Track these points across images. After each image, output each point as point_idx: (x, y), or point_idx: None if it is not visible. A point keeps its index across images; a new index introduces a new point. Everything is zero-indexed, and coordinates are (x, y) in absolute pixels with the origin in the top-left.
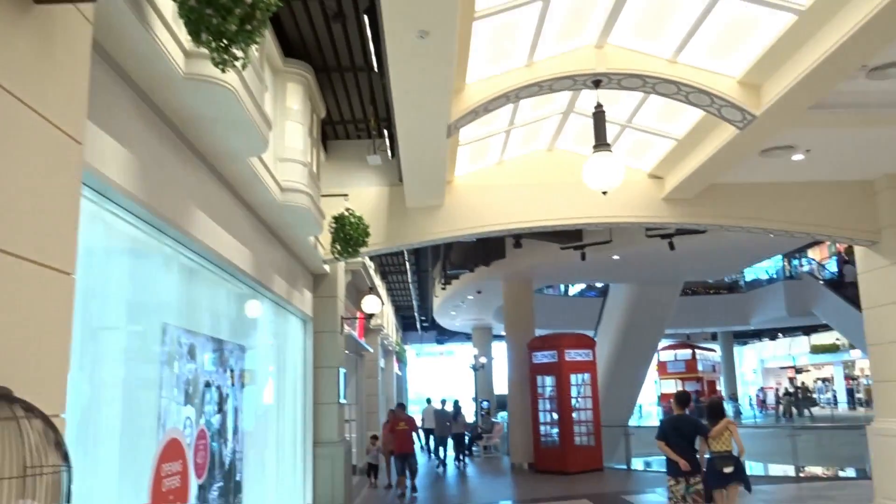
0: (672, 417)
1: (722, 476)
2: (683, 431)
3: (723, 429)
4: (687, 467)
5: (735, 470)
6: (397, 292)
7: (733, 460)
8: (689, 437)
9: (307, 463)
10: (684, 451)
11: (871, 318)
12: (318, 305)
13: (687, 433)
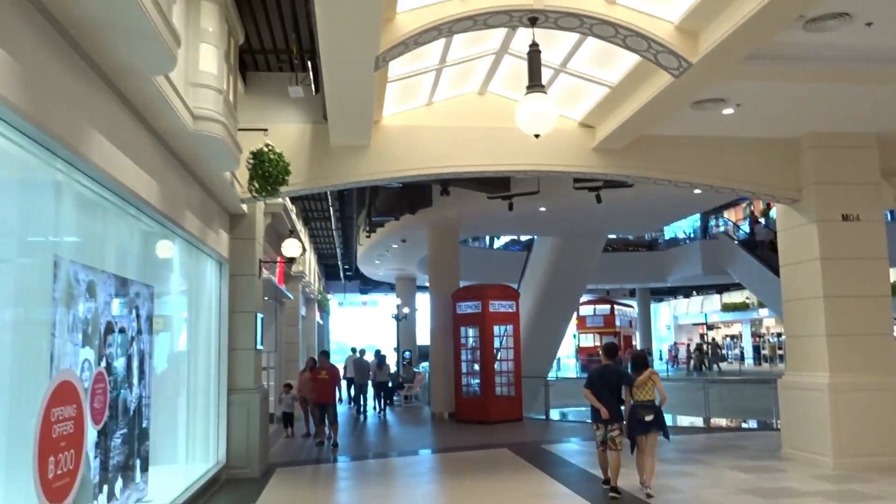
0: (599, 367)
1: (643, 423)
2: (609, 380)
3: (646, 379)
4: (607, 415)
5: (655, 418)
6: (320, 240)
7: (654, 409)
8: (614, 386)
9: (221, 410)
10: (608, 399)
11: (787, 275)
12: (235, 247)
13: (612, 382)
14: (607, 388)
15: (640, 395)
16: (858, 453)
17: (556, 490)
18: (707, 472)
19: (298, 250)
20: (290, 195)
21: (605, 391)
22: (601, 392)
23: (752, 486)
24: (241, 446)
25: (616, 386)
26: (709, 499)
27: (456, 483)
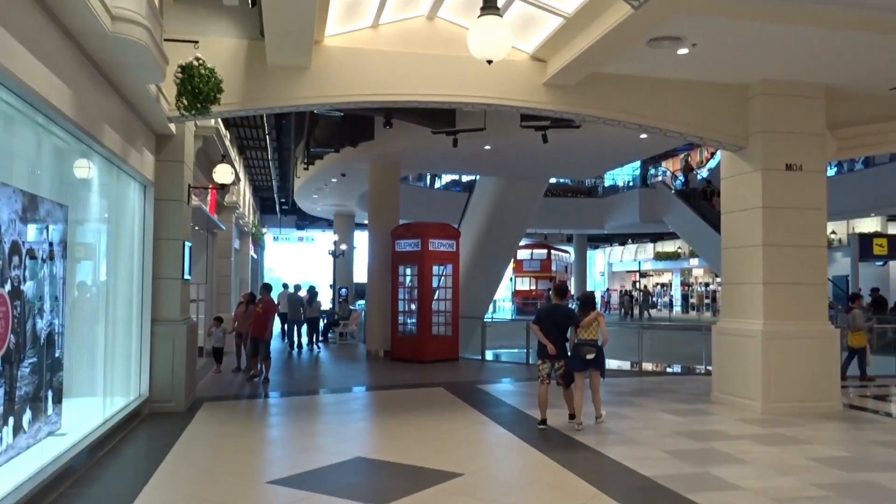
0: (549, 306)
1: (584, 361)
2: (557, 319)
3: (592, 319)
4: (553, 351)
5: (596, 357)
6: (256, 171)
7: (596, 348)
8: (562, 325)
9: (144, 342)
10: (555, 337)
11: (728, 223)
12: (162, 170)
13: (560, 321)
14: (555, 326)
15: (584, 334)
16: (786, 399)
17: (492, 429)
18: (640, 415)
19: (231, 177)
20: (222, 116)
21: (552, 329)
22: (549, 329)
23: (685, 429)
24: (166, 379)
25: (563, 325)
26: (643, 441)
27: (390, 421)
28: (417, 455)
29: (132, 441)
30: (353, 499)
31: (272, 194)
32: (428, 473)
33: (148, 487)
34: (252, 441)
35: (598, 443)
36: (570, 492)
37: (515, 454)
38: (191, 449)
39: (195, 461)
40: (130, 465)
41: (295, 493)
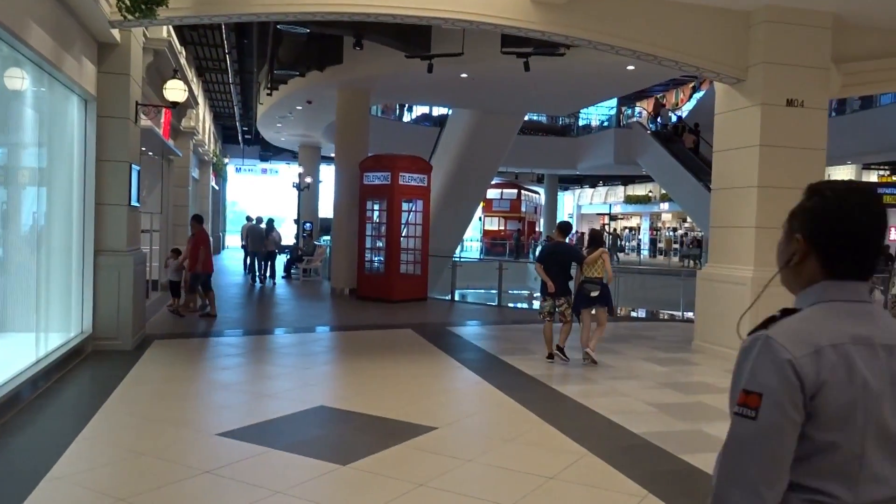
0: (551, 244)
1: (588, 298)
2: (559, 257)
3: (597, 257)
4: (552, 289)
5: (601, 294)
6: (216, 95)
7: (601, 286)
8: (564, 263)
9: (87, 274)
10: (556, 275)
11: (720, 162)
12: (105, 83)
13: (562, 260)
14: (557, 264)
15: (589, 272)
16: None
17: (465, 376)
18: (621, 364)
19: (183, 94)
20: (171, 23)
21: (554, 267)
22: (551, 268)
23: (670, 380)
24: (111, 315)
25: (566, 263)
26: (627, 392)
27: (355, 365)
28: (386, 405)
29: (69, 383)
30: (313, 456)
31: (234, 122)
32: (397, 427)
33: (80, 439)
34: (203, 385)
35: (582, 394)
36: (555, 450)
37: (492, 405)
38: (133, 393)
39: (137, 407)
40: (64, 412)
41: (246, 448)
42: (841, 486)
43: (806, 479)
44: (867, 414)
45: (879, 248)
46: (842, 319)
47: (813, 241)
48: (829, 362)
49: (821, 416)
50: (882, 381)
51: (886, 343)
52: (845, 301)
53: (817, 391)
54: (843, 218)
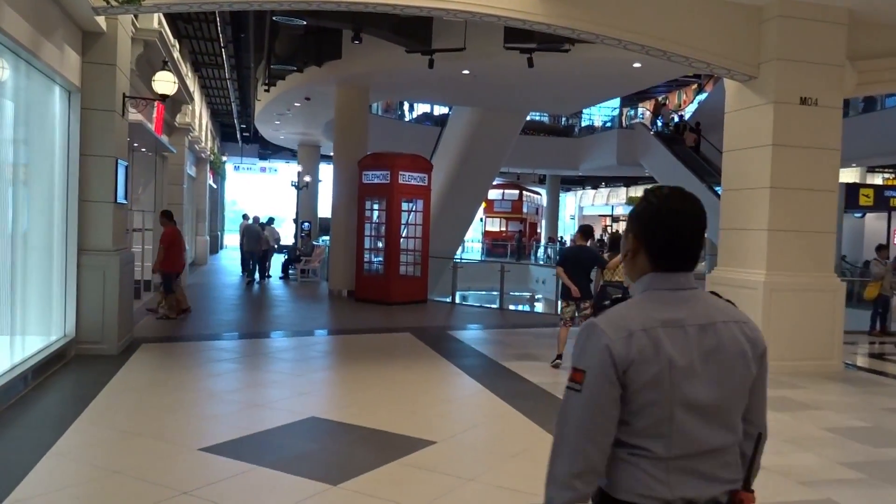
0: (573, 247)
1: (612, 302)
2: (581, 260)
3: (619, 261)
4: (577, 294)
5: (623, 298)
6: (213, 91)
7: (622, 290)
8: (586, 266)
9: (69, 274)
10: (579, 279)
11: (730, 162)
12: (90, 74)
13: (585, 263)
14: (580, 267)
15: (610, 275)
16: (785, 356)
17: (467, 385)
18: None
19: (173, 86)
20: (159, 10)
21: (577, 270)
22: (573, 271)
23: None
24: (95, 318)
25: (588, 266)
26: None
27: (351, 372)
28: (382, 416)
29: (47, 391)
30: (302, 474)
31: (232, 120)
32: (394, 441)
33: (51, 454)
34: (189, 393)
35: None
36: None
37: (496, 417)
38: (114, 402)
39: (116, 418)
40: (36, 423)
41: (230, 466)
42: (655, 442)
43: (629, 438)
44: (672, 384)
45: (698, 245)
46: (657, 306)
47: (642, 239)
48: (639, 344)
49: (633, 386)
50: (691, 356)
51: (698, 323)
52: (666, 290)
53: (628, 367)
54: (664, 220)
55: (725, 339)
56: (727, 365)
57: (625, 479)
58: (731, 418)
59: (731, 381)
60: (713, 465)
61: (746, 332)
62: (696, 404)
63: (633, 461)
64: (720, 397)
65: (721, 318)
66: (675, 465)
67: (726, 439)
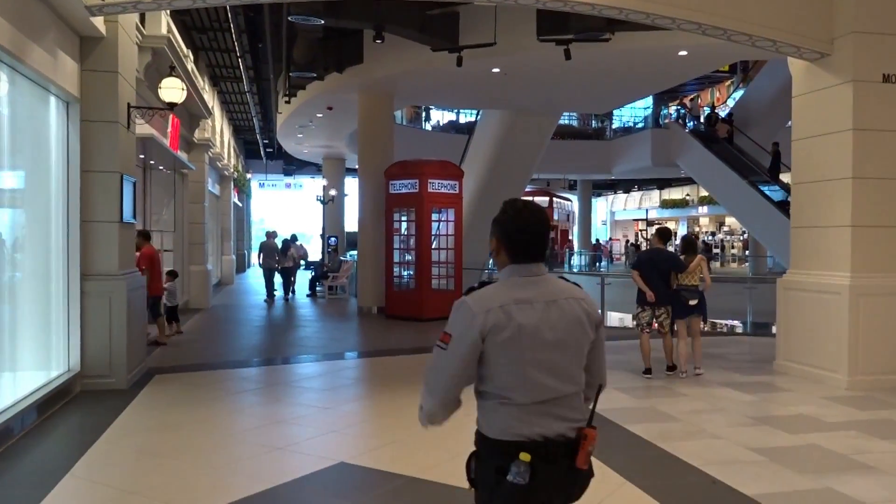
0: (650, 250)
1: (686, 308)
2: (658, 264)
3: (696, 265)
4: (653, 298)
5: (699, 303)
6: (234, 107)
7: (699, 294)
8: (664, 270)
9: (72, 303)
10: (656, 283)
11: (800, 152)
12: (90, 83)
13: (662, 267)
14: (657, 271)
15: (686, 279)
16: (876, 370)
17: None
18: (696, 391)
19: (181, 94)
20: (160, 8)
21: (654, 274)
22: (650, 275)
23: (763, 413)
24: (102, 349)
25: (666, 270)
26: (717, 431)
27: (384, 404)
28: (420, 459)
29: (44, 434)
30: None
31: (255, 136)
32: (434, 491)
33: None
34: (202, 435)
35: (660, 435)
36: None
37: None
38: (114, 449)
39: (114, 472)
40: (23, 477)
41: None
42: (514, 392)
43: (495, 390)
44: (523, 347)
45: (542, 244)
46: (513, 289)
47: (503, 241)
48: (496, 316)
49: (492, 349)
50: (538, 324)
51: (544, 300)
52: (520, 276)
53: (487, 334)
54: (515, 226)
55: (566, 311)
56: (568, 331)
57: (495, 422)
58: (573, 372)
59: (571, 344)
60: (561, 408)
61: (584, 307)
62: (543, 362)
63: (500, 408)
64: (562, 356)
65: (563, 296)
66: (530, 409)
67: (570, 389)
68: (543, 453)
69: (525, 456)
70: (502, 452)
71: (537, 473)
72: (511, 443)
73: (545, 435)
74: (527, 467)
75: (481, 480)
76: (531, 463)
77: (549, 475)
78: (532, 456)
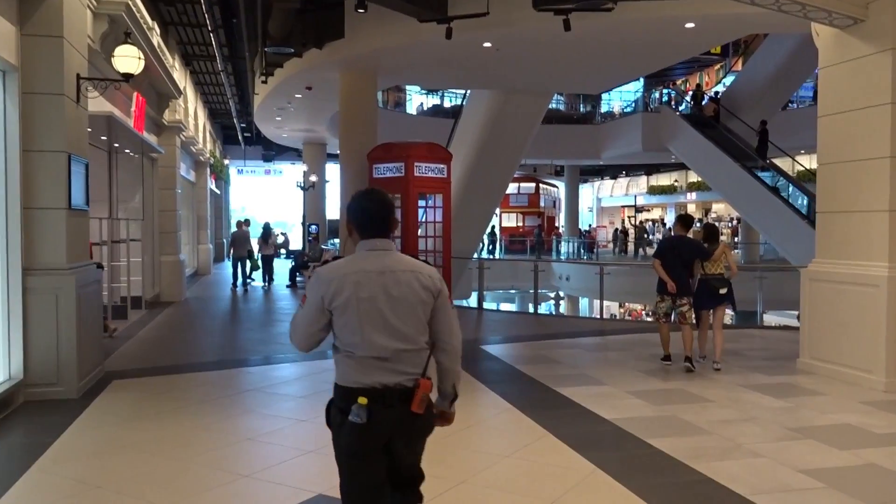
0: (672, 238)
1: (715, 297)
2: (681, 252)
3: (721, 253)
4: (674, 289)
5: (727, 292)
6: (209, 88)
7: (727, 282)
8: (686, 259)
9: (12, 301)
10: (678, 272)
11: (828, 128)
12: (31, 49)
13: (685, 255)
14: (680, 260)
15: (712, 268)
16: None
17: (514, 422)
18: (720, 394)
19: (137, 63)
20: None
21: (676, 263)
22: (673, 264)
23: (800, 423)
24: (48, 353)
25: (689, 259)
26: (757, 447)
27: None
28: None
29: None
30: None
31: (232, 120)
32: None
33: None
34: (155, 459)
35: (692, 453)
36: None
37: (563, 471)
38: (49, 479)
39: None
40: None
41: None
42: (355, 347)
43: (342, 345)
44: (360, 309)
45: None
46: (357, 261)
47: (350, 222)
48: (339, 284)
49: (337, 311)
50: (374, 291)
51: (380, 270)
52: (366, 250)
53: (331, 299)
54: (359, 210)
55: (402, 281)
56: (402, 300)
57: (341, 371)
58: (409, 333)
59: (406, 310)
60: (399, 363)
61: (420, 279)
62: (379, 324)
63: (345, 360)
64: (398, 319)
65: (400, 268)
66: (370, 362)
67: (406, 347)
68: (380, 398)
69: (362, 399)
70: (346, 397)
71: (374, 415)
72: (353, 389)
73: (384, 383)
74: (364, 409)
75: (332, 421)
76: (368, 406)
77: (386, 417)
78: (369, 400)
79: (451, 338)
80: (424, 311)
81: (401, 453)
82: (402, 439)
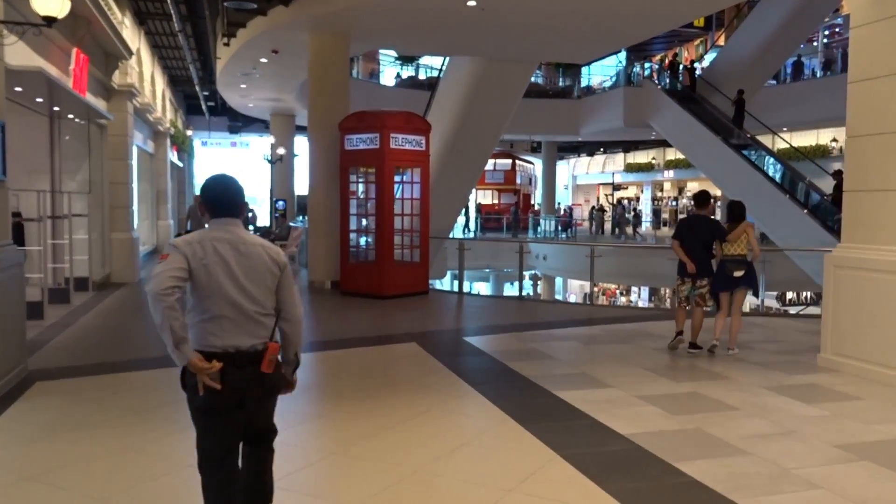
0: (689, 217)
1: (731, 280)
2: (699, 232)
3: (741, 232)
4: (693, 270)
5: (746, 274)
6: (168, 52)
7: (746, 265)
8: (705, 239)
9: None
10: (697, 252)
11: (860, 97)
12: None
13: (703, 235)
14: (699, 240)
15: (731, 249)
16: None
17: (520, 443)
18: (744, 399)
19: (60, 5)
20: None
21: (695, 244)
22: (692, 244)
23: (848, 437)
24: None
25: (709, 239)
26: (810, 476)
27: (347, 416)
28: None
29: None
30: None
31: (195, 88)
32: None
33: None
34: (71, 493)
35: (732, 483)
36: None
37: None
38: None
39: None
40: None
41: None
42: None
43: (199, 311)
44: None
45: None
46: (211, 233)
47: (203, 204)
48: (194, 249)
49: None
50: (227, 259)
51: (231, 241)
52: (216, 227)
53: (189, 262)
54: (210, 193)
55: (252, 253)
56: (252, 267)
57: (198, 336)
58: (257, 297)
59: (256, 276)
60: (249, 326)
61: (268, 252)
62: (232, 287)
63: (202, 325)
64: (251, 284)
65: (251, 241)
66: (223, 324)
67: (255, 309)
68: (233, 361)
69: (216, 363)
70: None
71: (227, 376)
72: (207, 352)
73: (238, 346)
74: (217, 375)
75: (187, 383)
76: (222, 369)
77: (238, 378)
78: (223, 363)
79: (294, 308)
80: (272, 281)
81: (253, 410)
82: (253, 397)
